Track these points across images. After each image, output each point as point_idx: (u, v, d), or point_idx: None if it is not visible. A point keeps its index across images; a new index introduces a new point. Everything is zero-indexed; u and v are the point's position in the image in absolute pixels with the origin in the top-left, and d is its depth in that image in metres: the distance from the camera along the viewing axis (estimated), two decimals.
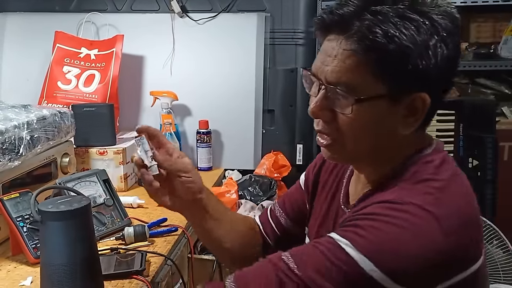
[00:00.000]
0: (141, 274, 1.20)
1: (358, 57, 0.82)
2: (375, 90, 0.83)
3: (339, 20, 0.84)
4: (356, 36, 0.82)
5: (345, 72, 0.83)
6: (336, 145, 0.90)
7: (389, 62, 0.81)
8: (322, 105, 0.87)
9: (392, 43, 0.80)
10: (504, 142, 2.40)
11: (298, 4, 2.22)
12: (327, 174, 1.11)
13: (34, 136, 1.46)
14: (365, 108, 0.84)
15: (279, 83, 2.26)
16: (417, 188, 0.85)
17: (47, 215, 1.00)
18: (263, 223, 1.22)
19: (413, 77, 0.82)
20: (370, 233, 0.79)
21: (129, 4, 2.31)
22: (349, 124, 0.86)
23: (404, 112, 0.86)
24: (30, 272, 1.23)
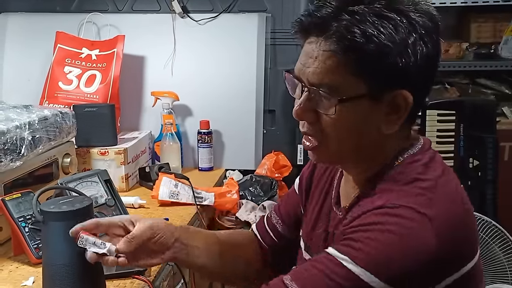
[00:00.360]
0: (143, 274, 1.20)
1: (337, 57, 0.83)
2: (356, 89, 0.84)
3: (317, 21, 0.85)
4: (335, 37, 0.82)
5: (326, 73, 0.84)
6: (322, 146, 0.90)
7: (368, 61, 0.82)
8: (306, 107, 0.88)
9: (370, 42, 0.81)
10: (504, 142, 2.41)
11: (299, 4, 2.22)
12: (319, 176, 1.11)
13: (35, 136, 1.47)
14: (348, 108, 0.85)
15: (280, 83, 2.25)
16: (406, 190, 0.85)
17: (49, 216, 1.01)
18: (261, 233, 1.22)
19: (393, 75, 0.83)
20: (367, 244, 0.79)
21: (130, 4, 2.31)
22: (332, 125, 0.86)
23: (386, 110, 0.86)
24: (32, 272, 1.24)
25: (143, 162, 2.07)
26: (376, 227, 0.80)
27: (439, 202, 0.83)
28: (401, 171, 0.89)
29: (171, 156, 2.06)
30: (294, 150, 2.27)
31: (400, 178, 0.87)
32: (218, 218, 1.82)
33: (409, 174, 0.87)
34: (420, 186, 0.85)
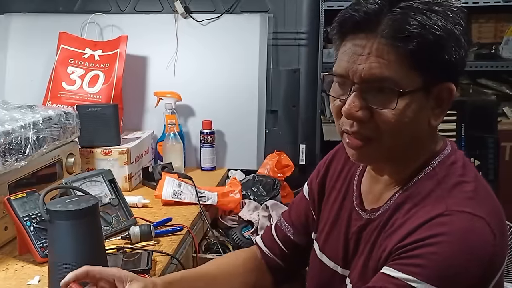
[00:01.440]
0: (148, 273, 1.21)
1: (397, 50, 0.83)
2: (414, 83, 0.84)
3: (367, 17, 0.84)
4: (392, 30, 0.82)
5: (385, 67, 0.83)
6: (374, 144, 0.89)
7: (426, 53, 0.82)
8: (359, 105, 0.86)
9: (428, 33, 0.81)
10: (505, 142, 2.42)
11: (301, 5, 2.23)
12: (333, 180, 1.11)
13: (40, 136, 1.48)
14: (407, 102, 0.85)
15: (282, 83, 2.26)
16: (455, 194, 0.86)
17: (55, 215, 1.02)
18: (269, 246, 1.20)
19: (446, 67, 0.85)
20: (430, 260, 0.80)
21: (132, 5, 2.32)
22: (391, 120, 0.85)
23: (432, 103, 0.88)
24: (38, 271, 1.24)
25: (146, 162, 2.08)
26: (435, 240, 0.81)
27: (487, 202, 0.86)
28: (444, 174, 0.89)
29: (174, 156, 2.06)
30: (296, 150, 2.28)
31: (444, 181, 0.88)
32: (221, 217, 1.83)
33: (452, 177, 0.89)
34: (467, 189, 0.86)
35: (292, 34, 2.25)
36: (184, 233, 1.48)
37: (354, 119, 0.88)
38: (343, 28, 0.88)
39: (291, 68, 2.26)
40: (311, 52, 2.25)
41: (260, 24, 2.22)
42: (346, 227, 1.02)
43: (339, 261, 1.03)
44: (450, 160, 0.92)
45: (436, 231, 0.81)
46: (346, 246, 1.01)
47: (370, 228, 0.96)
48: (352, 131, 0.89)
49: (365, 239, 0.96)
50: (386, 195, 0.96)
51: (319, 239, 1.10)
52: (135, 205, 1.68)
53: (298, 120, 2.29)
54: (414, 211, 0.88)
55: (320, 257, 1.08)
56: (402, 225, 0.87)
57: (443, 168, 0.90)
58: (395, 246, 0.85)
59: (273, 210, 1.71)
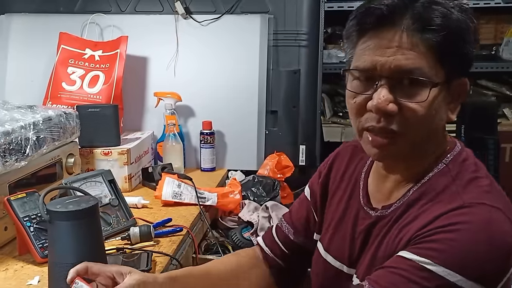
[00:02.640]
0: None
1: (425, 42, 0.84)
2: (440, 75, 0.86)
3: (391, 12, 0.85)
4: (419, 22, 0.83)
5: (415, 58, 0.84)
6: (398, 140, 0.89)
7: (451, 45, 0.84)
8: (388, 98, 0.86)
9: (453, 26, 0.83)
10: (505, 143, 2.42)
11: (301, 5, 2.23)
12: (337, 181, 1.11)
13: (40, 136, 1.48)
14: (435, 94, 0.86)
15: (282, 84, 2.26)
16: (471, 190, 0.87)
17: (55, 215, 1.02)
18: (270, 246, 1.21)
19: (465, 61, 0.87)
20: (448, 245, 0.80)
21: (133, 5, 2.32)
22: (419, 113, 0.85)
23: (450, 98, 0.89)
24: (37, 272, 1.24)
25: (146, 162, 2.08)
26: (455, 227, 0.81)
27: (502, 196, 0.87)
28: (458, 170, 0.90)
29: (174, 157, 2.06)
30: (296, 151, 2.27)
31: (458, 178, 0.89)
32: (221, 218, 1.82)
33: (466, 173, 0.90)
34: (482, 184, 0.88)
35: (292, 35, 2.25)
36: (183, 233, 1.48)
37: (383, 113, 0.87)
38: (364, 24, 0.88)
39: (291, 69, 2.26)
40: (311, 53, 2.25)
41: (260, 25, 2.22)
42: (353, 226, 1.02)
43: (345, 261, 1.03)
44: (461, 157, 0.93)
45: (455, 220, 0.82)
46: (352, 245, 1.01)
47: (380, 226, 0.96)
48: (379, 126, 0.88)
49: (375, 237, 0.96)
50: (397, 193, 0.96)
51: (323, 240, 1.10)
52: (135, 206, 1.68)
53: (298, 121, 2.28)
54: (429, 205, 0.88)
55: (325, 257, 1.08)
56: (418, 216, 0.88)
57: (456, 165, 0.91)
58: (414, 235, 0.85)
59: (273, 211, 1.71)
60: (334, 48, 2.93)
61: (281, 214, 1.70)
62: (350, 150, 1.13)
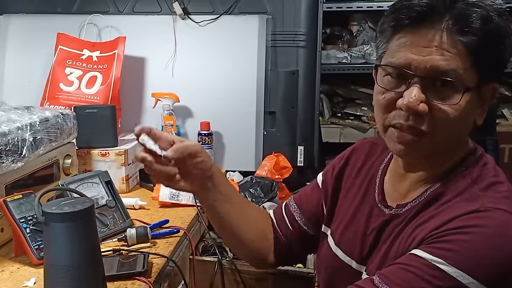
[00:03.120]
0: (144, 276, 1.20)
1: (463, 44, 0.83)
2: (473, 79, 0.85)
3: (431, 10, 0.84)
4: (459, 23, 0.82)
5: (452, 60, 0.83)
6: (425, 139, 0.88)
7: (488, 49, 0.83)
8: (420, 98, 0.85)
9: (492, 30, 0.82)
10: (504, 144, 2.41)
11: (300, 6, 2.22)
12: (352, 176, 1.11)
13: (37, 137, 1.47)
14: (468, 99, 0.85)
15: (281, 85, 2.26)
16: (491, 194, 0.86)
17: (51, 217, 1.01)
18: (277, 218, 1.23)
19: (500, 67, 0.86)
20: (462, 246, 0.80)
21: (131, 6, 2.32)
22: (450, 116, 0.85)
23: (478, 103, 0.88)
24: (33, 273, 1.24)
25: None
26: (471, 230, 0.81)
27: None
28: (478, 175, 0.90)
29: None
30: (294, 152, 2.27)
31: (478, 181, 0.89)
32: None
33: (486, 177, 0.89)
34: (502, 189, 0.87)
35: (290, 36, 2.24)
36: (181, 235, 1.48)
37: (413, 112, 0.86)
38: (403, 20, 0.87)
39: (289, 70, 2.26)
40: (309, 54, 2.25)
41: (258, 26, 2.22)
42: (365, 223, 1.02)
43: (355, 256, 1.03)
44: (482, 161, 0.93)
45: (471, 223, 0.81)
46: (363, 242, 1.02)
47: (394, 224, 0.96)
48: (407, 125, 0.88)
49: (388, 235, 0.97)
50: (414, 192, 0.96)
51: (334, 234, 1.11)
52: (132, 207, 1.67)
53: (296, 122, 2.28)
54: (446, 205, 0.88)
55: (335, 251, 1.08)
56: (435, 216, 0.87)
57: (476, 169, 0.91)
58: (428, 234, 0.85)
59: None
60: (332, 48, 2.92)
61: None
62: (368, 146, 1.13)
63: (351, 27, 3.00)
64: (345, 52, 2.88)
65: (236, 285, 1.53)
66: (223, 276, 1.54)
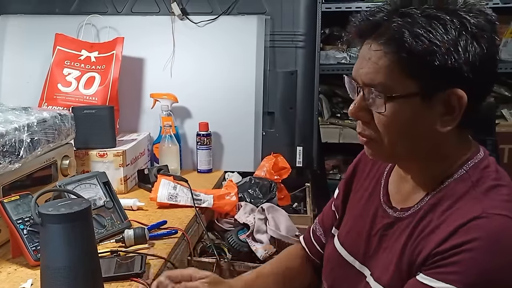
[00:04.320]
0: (141, 277, 1.20)
1: (388, 58, 0.86)
2: (406, 88, 0.86)
3: (370, 24, 0.89)
4: (385, 38, 0.86)
5: (377, 72, 0.87)
6: (375, 143, 0.93)
7: (417, 61, 0.84)
8: (360, 107, 0.92)
9: (419, 42, 0.83)
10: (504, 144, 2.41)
11: (298, 6, 2.22)
12: (361, 179, 1.14)
13: (34, 138, 1.47)
14: (399, 106, 0.87)
15: (279, 85, 2.26)
16: (491, 197, 0.86)
17: (47, 218, 1.00)
18: (309, 246, 1.26)
19: (443, 74, 0.84)
20: (468, 266, 0.80)
21: (129, 6, 2.31)
22: (384, 123, 0.89)
23: (441, 109, 0.88)
24: (30, 275, 1.23)
25: (142, 164, 2.07)
26: (473, 245, 0.81)
27: None
28: (478, 178, 0.90)
29: (170, 158, 2.05)
30: (293, 152, 2.27)
31: (478, 184, 0.89)
32: (217, 220, 1.81)
33: (486, 180, 0.89)
34: (503, 192, 0.87)
35: (289, 36, 2.24)
36: (178, 236, 1.47)
37: (356, 119, 0.95)
38: (354, 33, 0.93)
39: (288, 70, 2.25)
40: (308, 54, 2.24)
41: (257, 26, 2.22)
42: (371, 223, 1.04)
43: (359, 257, 1.04)
44: (483, 165, 0.92)
45: (473, 236, 0.81)
46: (368, 242, 1.03)
47: (399, 227, 0.96)
48: (357, 130, 0.96)
49: (391, 238, 0.97)
50: (416, 196, 0.97)
51: (340, 234, 1.13)
52: (130, 208, 1.67)
53: (295, 122, 2.28)
54: (449, 213, 0.88)
55: (340, 251, 1.10)
56: (438, 227, 0.87)
57: (476, 172, 0.91)
58: (432, 251, 0.85)
59: (269, 213, 1.70)
60: (332, 49, 2.93)
61: (278, 216, 1.70)
62: None
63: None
64: (344, 52, 2.89)
65: None
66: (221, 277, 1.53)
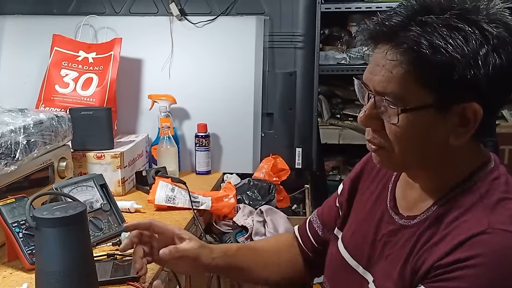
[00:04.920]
0: (138, 281, 1.18)
1: (404, 67, 0.83)
2: (421, 99, 0.83)
3: (386, 31, 0.85)
4: (402, 47, 0.82)
5: (391, 82, 0.84)
6: (385, 152, 0.91)
7: (435, 73, 0.81)
8: (371, 114, 0.89)
9: (438, 54, 0.79)
10: (504, 145, 2.40)
11: (297, 7, 2.21)
12: (368, 181, 1.11)
13: (30, 140, 1.45)
14: (413, 118, 0.84)
15: (278, 86, 2.24)
16: (499, 211, 0.84)
17: (42, 222, 0.99)
18: (303, 237, 1.25)
19: (462, 87, 0.81)
20: (472, 283, 0.79)
21: (127, 7, 2.30)
22: (396, 133, 0.87)
23: (455, 122, 0.85)
24: (26, 279, 1.22)
25: (140, 165, 2.05)
26: (477, 261, 0.79)
27: None
28: (486, 190, 0.88)
29: (168, 160, 2.04)
30: (292, 154, 2.26)
31: (487, 196, 0.87)
32: (215, 222, 1.80)
33: (495, 192, 0.87)
34: (511, 206, 0.85)
35: (288, 37, 2.23)
36: None
37: (366, 127, 0.92)
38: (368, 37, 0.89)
39: (287, 71, 2.24)
40: (307, 55, 2.23)
41: (256, 27, 2.21)
42: (376, 228, 1.02)
43: (362, 261, 1.02)
44: (492, 176, 0.90)
45: (477, 251, 0.79)
46: (373, 247, 1.01)
47: (404, 235, 0.94)
48: (367, 138, 0.93)
49: (396, 244, 0.95)
50: (422, 205, 0.95)
51: (345, 237, 1.11)
52: (127, 210, 1.65)
53: (294, 123, 2.26)
54: (454, 225, 0.86)
55: (343, 254, 1.08)
56: (443, 239, 0.86)
57: (485, 183, 0.89)
58: (435, 263, 0.84)
59: (267, 215, 1.69)
60: (331, 49, 2.92)
61: (276, 218, 1.69)
62: None
63: (350, 27, 2.99)
64: (344, 53, 2.88)
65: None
66: (219, 281, 1.52)
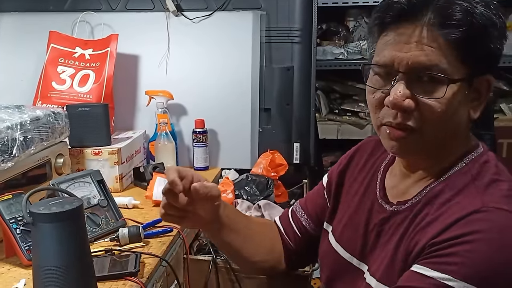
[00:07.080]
0: (136, 276, 1.18)
1: (444, 37, 0.82)
2: (460, 72, 0.84)
3: (412, 6, 0.84)
4: (440, 17, 0.82)
5: (433, 54, 0.83)
6: (415, 135, 0.88)
7: (473, 41, 0.82)
8: (405, 94, 0.86)
9: (476, 21, 0.81)
10: (502, 139, 2.40)
11: (294, 2, 2.20)
12: (356, 172, 1.11)
13: (27, 137, 1.45)
14: (455, 91, 0.84)
15: (276, 81, 2.24)
16: (491, 191, 0.84)
17: (38, 217, 0.99)
18: (285, 226, 1.24)
19: (490, 58, 0.84)
20: (467, 258, 0.78)
21: (123, 3, 2.29)
22: (437, 110, 0.85)
23: (472, 95, 0.86)
24: (24, 275, 1.22)
25: (138, 162, 2.05)
26: (472, 237, 0.79)
27: None
28: (478, 171, 0.88)
29: (166, 156, 2.04)
30: (290, 149, 2.25)
31: (478, 178, 0.87)
32: None
33: (486, 174, 0.88)
34: (503, 187, 0.85)
35: (285, 32, 2.22)
36: (174, 234, 1.46)
37: (400, 109, 0.87)
38: (386, 18, 0.88)
39: (284, 66, 2.23)
40: (304, 50, 2.22)
41: (252, 22, 2.20)
42: (367, 219, 1.02)
43: (356, 253, 1.02)
44: (483, 159, 0.91)
45: (472, 228, 0.79)
46: (365, 238, 1.01)
47: (395, 221, 0.94)
48: (396, 122, 0.88)
49: (388, 232, 0.96)
50: (414, 189, 0.95)
51: (335, 230, 1.10)
52: (125, 206, 1.65)
53: (292, 119, 2.26)
54: (448, 205, 0.86)
55: (335, 248, 1.08)
56: (436, 219, 0.86)
57: (476, 166, 0.90)
58: (429, 242, 0.83)
59: (265, 210, 1.69)
60: (329, 44, 2.91)
61: (274, 213, 1.69)
62: (373, 144, 1.13)
63: (348, 22, 2.99)
64: (342, 48, 2.87)
65: (231, 284, 1.51)
66: (217, 275, 1.52)
